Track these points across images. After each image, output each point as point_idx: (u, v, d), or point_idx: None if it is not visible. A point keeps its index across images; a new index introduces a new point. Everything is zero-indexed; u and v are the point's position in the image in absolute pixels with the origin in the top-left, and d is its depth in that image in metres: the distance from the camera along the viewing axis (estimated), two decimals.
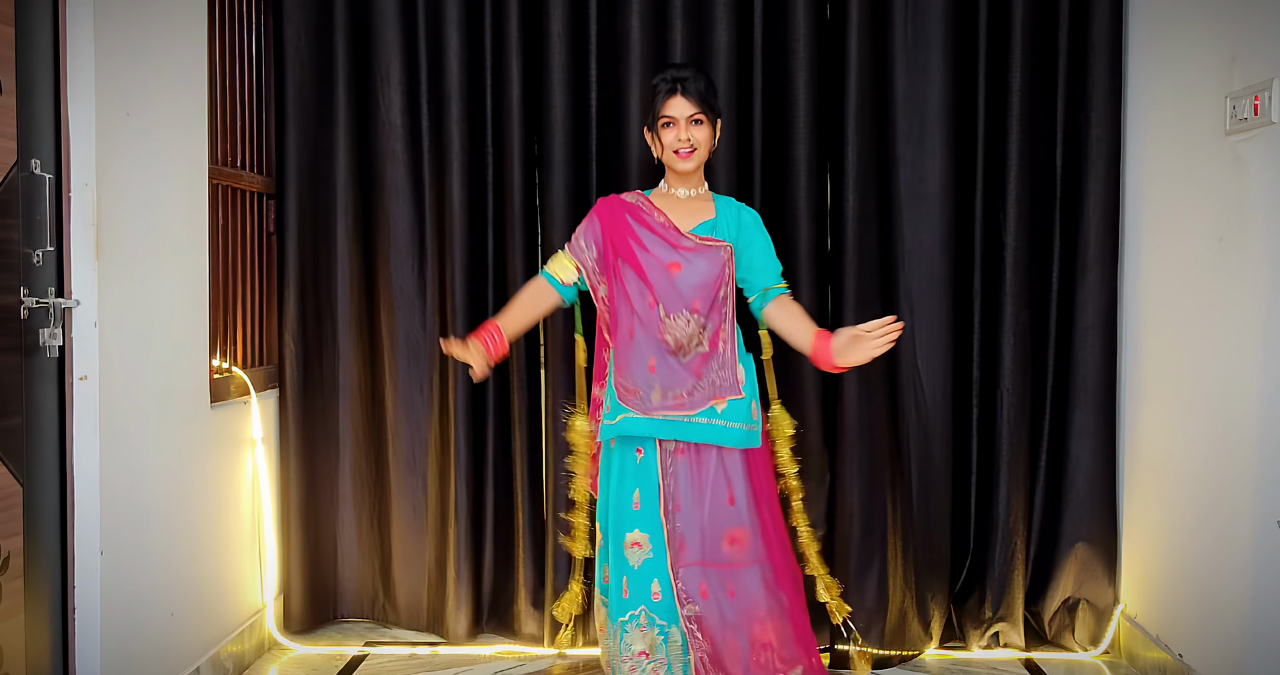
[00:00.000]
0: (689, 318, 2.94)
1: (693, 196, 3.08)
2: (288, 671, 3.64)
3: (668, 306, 2.94)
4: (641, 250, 2.98)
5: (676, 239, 2.98)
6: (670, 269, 2.95)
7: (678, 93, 2.93)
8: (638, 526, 2.97)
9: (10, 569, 2.52)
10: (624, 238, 3.00)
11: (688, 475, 2.95)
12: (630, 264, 2.99)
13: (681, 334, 2.93)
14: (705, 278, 2.95)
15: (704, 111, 2.95)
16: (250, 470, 3.71)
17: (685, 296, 2.94)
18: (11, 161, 2.51)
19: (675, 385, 2.95)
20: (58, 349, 2.69)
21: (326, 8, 3.78)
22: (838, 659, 3.66)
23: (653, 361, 2.96)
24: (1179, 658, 3.33)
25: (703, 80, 2.97)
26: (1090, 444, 3.72)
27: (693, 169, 3.01)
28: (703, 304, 2.95)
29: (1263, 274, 2.91)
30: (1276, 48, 2.85)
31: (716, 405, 2.94)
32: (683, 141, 2.95)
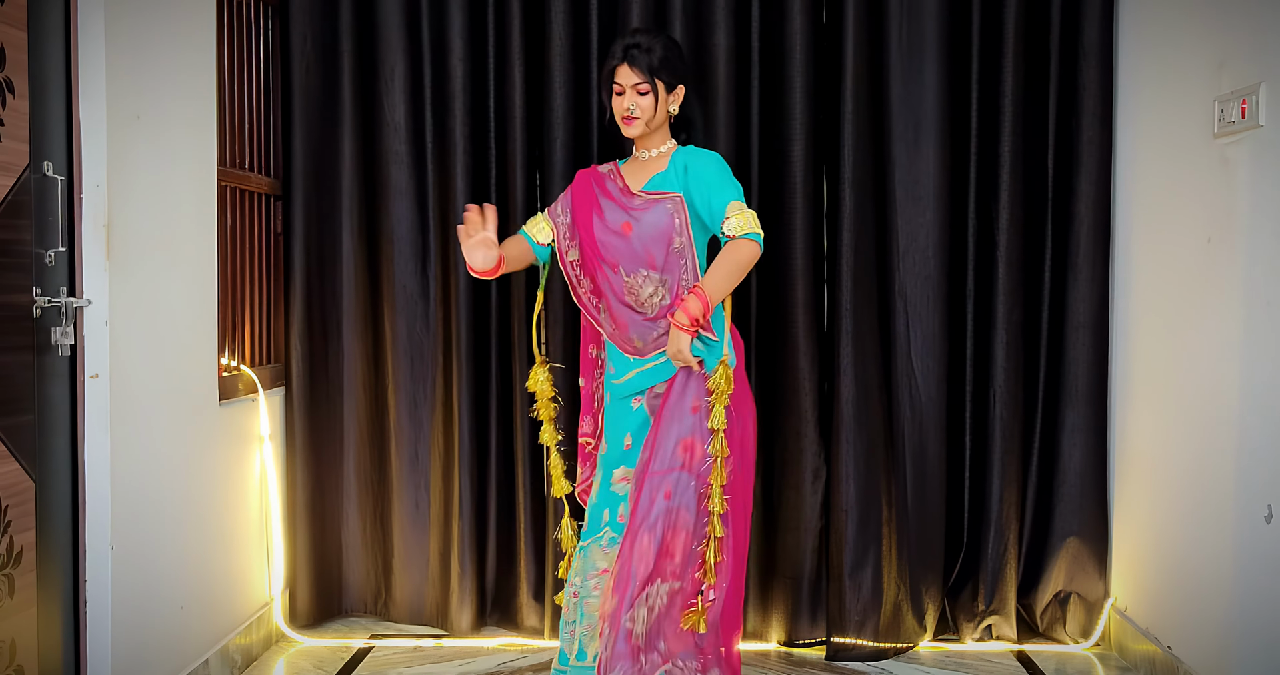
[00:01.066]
0: (646, 274, 2.94)
1: (653, 157, 3.05)
2: (295, 664, 3.64)
3: (627, 268, 2.95)
4: (599, 219, 2.99)
5: (627, 200, 2.99)
6: (624, 229, 2.95)
7: (625, 62, 2.93)
8: (624, 463, 3.03)
9: (23, 563, 2.52)
10: (587, 209, 3.02)
11: (665, 405, 2.94)
12: (589, 233, 3.00)
13: (643, 293, 2.95)
14: (655, 231, 2.93)
15: (648, 81, 2.92)
16: (258, 466, 3.71)
17: (640, 254, 2.94)
18: (24, 163, 2.51)
19: (647, 337, 2.97)
20: (69, 347, 2.69)
21: (332, 13, 3.79)
22: (833, 651, 3.66)
23: (624, 320, 2.98)
24: (1168, 650, 3.33)
25: (657, 51, 2.92)
26: (1081, 440, 3.73)
27: (638, 134, 2.98)
28: (658, 258, 2.93)
29: (1249, 274, 2.91)
30: (1263, 53, 2.85)
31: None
32: (625, 110, 2.94)
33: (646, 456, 2.92)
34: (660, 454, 2.89)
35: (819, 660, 3.67)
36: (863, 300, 3.64)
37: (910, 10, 3.64)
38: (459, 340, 3.75)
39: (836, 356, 3.64)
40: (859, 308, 3.63)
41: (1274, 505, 2.78)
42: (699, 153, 3.01)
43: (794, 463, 3.69)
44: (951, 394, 3.75)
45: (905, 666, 3.60)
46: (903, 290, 3.68)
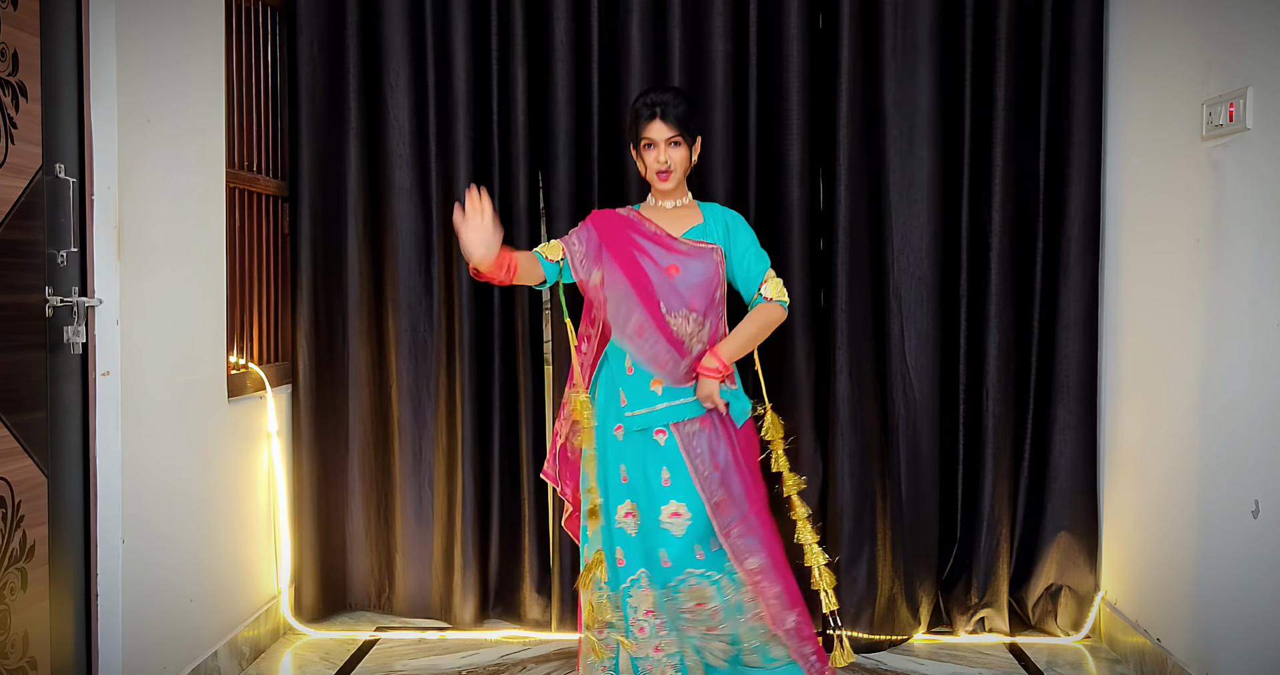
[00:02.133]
0: (688, 315, 3.00)
1: (679, 206, 3.13)
2: (302, 655, 3.64)
3: (669, 305, 2.99)
4: (643, 255, 3.02)
5: (671, 243, 3.04)
6: (669, 272, 3.01)
7: (657, 117, 2.99)
8: (672, 498, 3.02)
9: (36, 557, 2.53)
10: (625, 246, 3.04)
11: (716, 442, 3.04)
12: (634, 269, 3.01)
13: (683, 330, 2.99)
14: (700, 278, 3.02)
15: (681, 134, 3.00)
16: (266, 462, 3.71)
17: (684, 296, 3.01)
18: (36, 166, 2.52)
19: (684, 369, 3.00)
20: (81, 346, 2.69)
21: (338, 18, 3.79)
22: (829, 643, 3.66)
23: (663, 353, 2.99)
24: (1157, 642, 3.33)
25: (682, 105, 3.01)
26: (1072, 437, 3.73)
27: (672, 187, 3.06)
28: (700, 303, 3.02)
29: (1236, 274, 2.91)
30: (1251, 57, 2.85)
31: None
32: (662, 163, 3.01)
33: (717, 504, 3.00)
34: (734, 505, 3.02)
35: None
36: (858, 300, 3.64)
37: (904, 16, 3.64)
38: (462, 338, 3.75)
39: (832, 355, 3.64)
40: (854, 307, 3.63)
41: (1260, 500, 2.78)
42: (735, 215, 3.14)
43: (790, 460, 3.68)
44: (945, 392, 3.75)
45: (900, 658, 3.60)
46: (897, 290, 3.68)
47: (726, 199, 3.62)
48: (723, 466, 3.02)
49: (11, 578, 2.45)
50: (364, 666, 3.52)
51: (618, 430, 3.05)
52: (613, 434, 3.06)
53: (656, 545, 3.01)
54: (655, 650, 3.03)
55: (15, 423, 2.45)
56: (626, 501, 3.03)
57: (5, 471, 2.42)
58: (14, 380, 2.46)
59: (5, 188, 2.41)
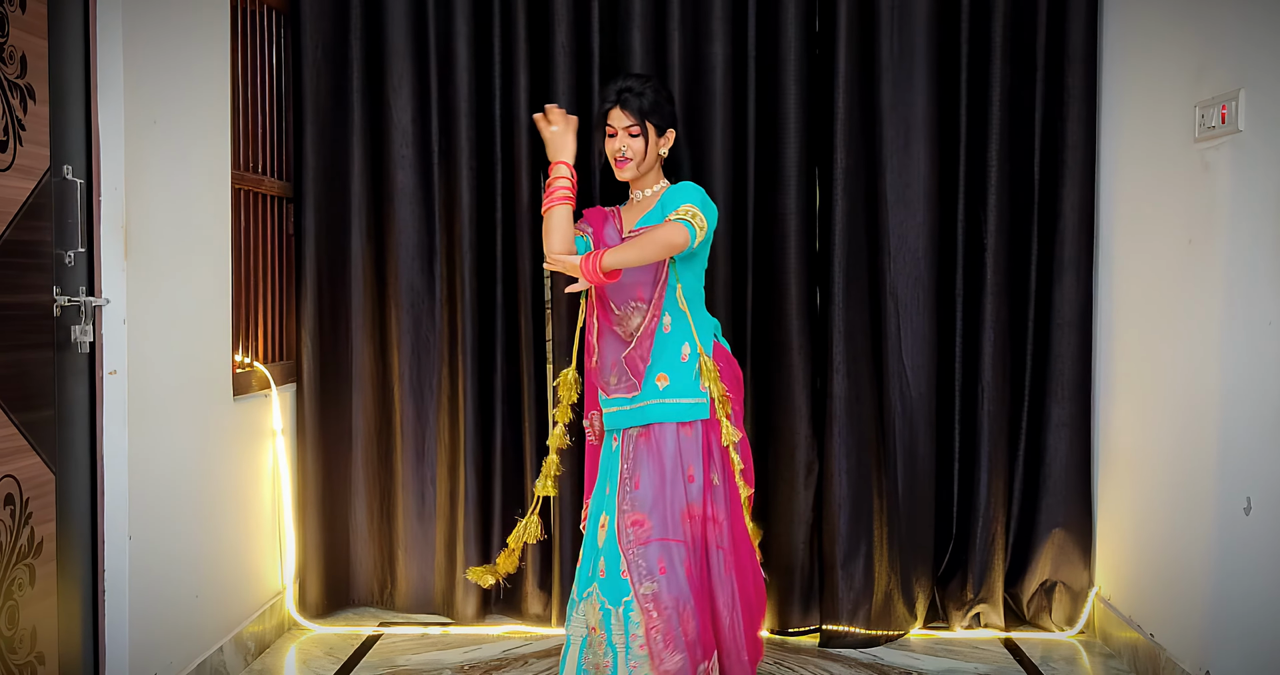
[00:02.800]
0: (635, 306, 2.97)
1: (647, 197, 3.07)
2: (306, 651, 3.64)
3: (617, 302, 2.99)
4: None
5: (620, 241, 3.01)
6: (613, 274, 2.88)
7: (617, 106, 2.96)
8: (603, 510, 2.98)
9: (44, 553, 2.53)
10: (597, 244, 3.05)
11: (646, 456, 2.92)
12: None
13: (630, 324, 2.98)
14: (641, 269, 2.94)
15: (639, 124, 2.95)
16: (270, 460, 3.71)
17: (628, 289, 2.96)
18: (44, 167, 2.52)
19: (626, 373, 2.97)
20: (88, 345, 2.70)
21: (342, 22, 3.79)
22: (826, 638, 3.67)
23: (613, 361, 3.01)
24: (1150, 637, 3.33)
25: (647, 95, 2.95)
26: (1066, 435, 3.73)
27: (630, 177, 3.02)
28: (645, 291, 2.96)
29: (1229, 274, 2.91)
30: (1243, 59, 2.85)
31: (659, 383, 2.93)
32: (616, 151, 2.98)
33: (636, 519, 2.87)
34: (669, 522, 2.87)
35: (813, 647, 3.67)
36: (855, 300, 3.64)
37: (900, 19, 3.64)
38: (464, 337, 3.75)
39: (829, 354, 3.65)
40: (851, 307, 3.63)
41: (1253, 497, 2.78)
42: (681, 185, 2.97)
43: (788, 458, 3.70)
44: (941, 391, 3.75)
45: (896, 653, 3.60)
46: (894, 290, 3.68)
47: (725, 200, 3.62)
48: (644, 479, 2.89)
49: (20, 574, 2.45)
50: (368, 661, 3.52)
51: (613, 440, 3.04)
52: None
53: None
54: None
55: (23, 421, 2.45)
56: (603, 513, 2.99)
57: (13, 469, 2.42)
58: (22, 379, 2.46)
59: (13, 189, 2.41)
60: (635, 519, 2.87)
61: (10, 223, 2.40)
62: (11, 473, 2.41)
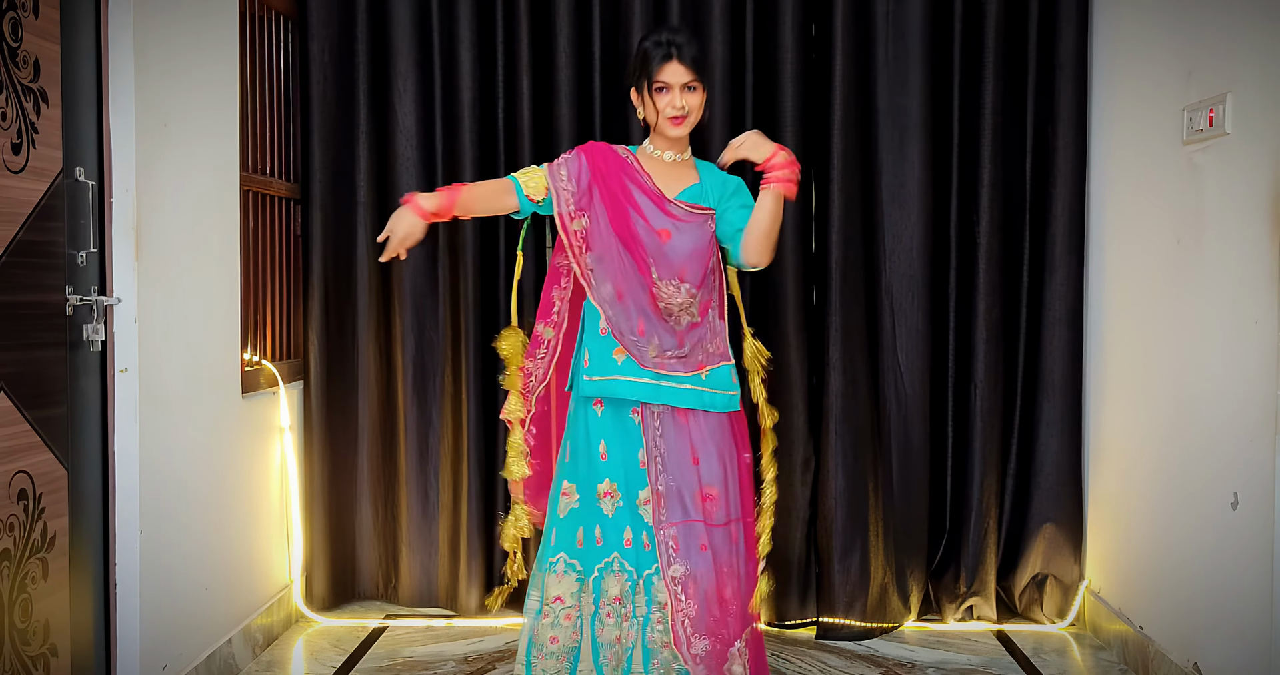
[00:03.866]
0: (678, 286, 2.71)
1: (679, 161, 2.83)
2: (313, 642, 3.65)
3: (660, 272, 2.71)
4: (638, 215, 2.72)
5: (665, 205, 2.74)
6: (661, 236, 2.71)
7: (674, 58, 2.67)
8: (608, 476, 2.76)
9: (56, 547, 2.53)
10: (619, 198, 2.73)
11: (674, 436, 2.74)
12: (625, 226, 2.72)
13: (673, 301, 2.71)
14: (695, 247, 2.73)
15: (698, 78, 2.71)
16: (278, 456, 3.72)
17: (674, 265, 2.71)
18: (57, 169, 2.52)
19: (667, 347, 2.72)
20: (100, 343, 2.70)
21: (348, 26, 3.79)
22: (823, 630, 3.67)
23: (642, 324, 2.72)
24: (1139, 629, 3.34)
25: (696, 45, 2.72)
26: (1058, 431, 3.74)
27: (682, 134, 2.77)
28: (692, 274, 2.72)
29: (1216, 274, 2.92)
30: (1230, 63, 2.86)
31: (700, 372, 2.74)
32: (678, 108, 2.70)
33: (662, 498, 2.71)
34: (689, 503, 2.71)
35: (809, 639, 3.68)
36: (850, 298, 3.65)
37: (895, 23, 3.65)
38: (467, 336, 3.75)
39: (825, 352, 3.65)
40: (847, 305, 3.64)
41: (1240, 492, 2.79)
42: (734, 178, 2.85)
43: (784, 453, 3.69)
44: (935, 387, 3.75)
45: (891, 645, 3.61)
46: (888, 288, 3.69)
47: None
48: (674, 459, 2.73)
49: (33, 567, 2.45)
50: (373, 653, 3.53)
51: (633, 413, 2.77)
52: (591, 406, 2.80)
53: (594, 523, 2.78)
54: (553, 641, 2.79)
55: (37, 417, 2.45)
56: (606, 480, 2.77)
57: (27, 464, 2.43)
58: (35, 376, 2.46)
59: (27, 191, 2.42)
60: (662, 497, 2.72)
61: (24, 224, 2.41)
62: (25, 468, 2.42)
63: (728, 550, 2.75)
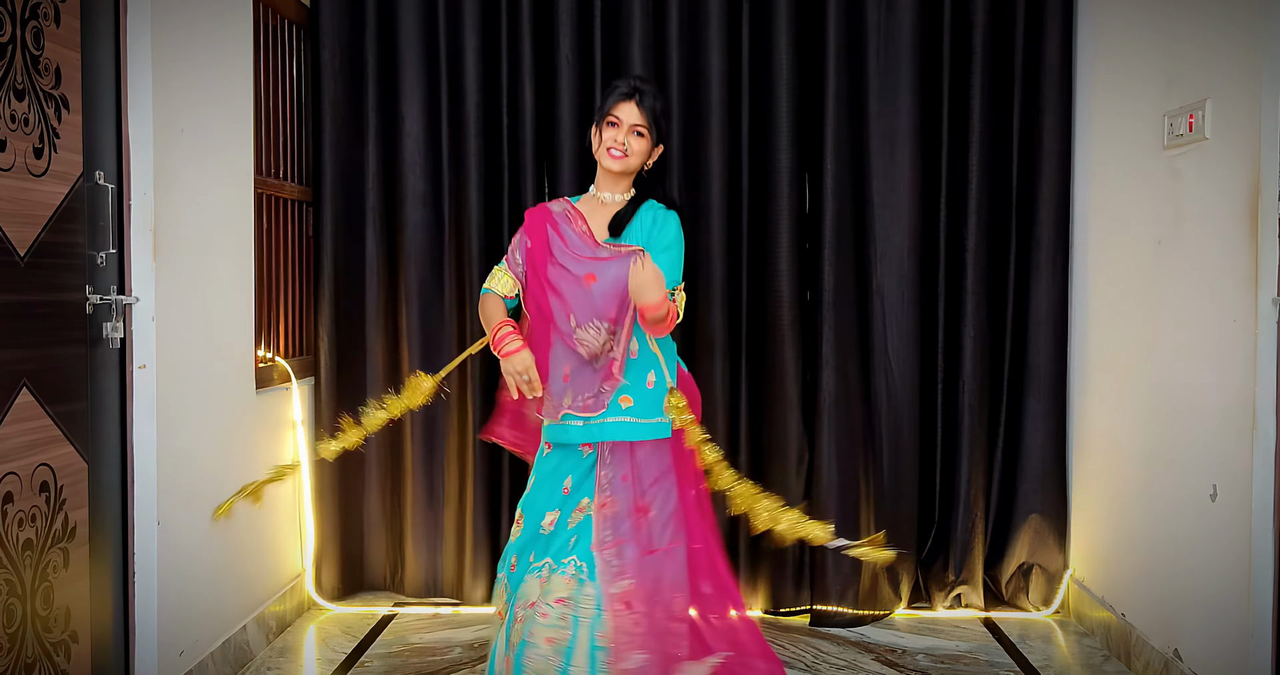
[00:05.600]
0: (599, 326, 2.63)
1: (617, 201, 2.81)
2: (325, 629, 3.65)
3: (579, 317, 2.64)
4: (555, 266, 2.70)
5: (592, 249, 2.70)
6: (586, 281, 2.64)
7: (632, 99, 2.71)
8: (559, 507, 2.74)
9: (77, 537, 2.54)
10: (542, 252, 2.74)
11: (614, 465, 2.69)
12: (547, 278, 2.70)
13: (593, 343, 2.64)
14: (617, 286, 2.61)
15: (649, 126, 2.72)
16: (291, 450, 3.72)
17: (598, 306, 2.63)
18: (77, 173, 2.52)
19: (584, 390, 2.67)
20: (119, 341, 2.70)
21: (358, 35, 3.79)
22: (816, 617, 3.67)
23: (567, 370, 2.69)
24: (1122, 617, 3.34)
25: (660, 101, 2.75)
26: (1043, 426, 3.74)
27: (619, 171, 2.75)
28: (613, 308, 2.62)
29: (1196, 274, 2.92)
30: (1209, 71, 2.86)
31: (623, 403, 2.68)
32: (618, 142, 2.72)
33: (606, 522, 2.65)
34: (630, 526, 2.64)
35: (803, 626, 3.68)
36: (843, 298, 3.65)
37: (886, 33, 3.65)
38: (471, 333, 3.75)
39: (819, 350, 3.65)
40: (839, 305, 3.64)
41: (1218, 485, 2.79)
42: (667, 215, 2.77)
43: (779, 447, 3.70)
44: (924, 384, 3.76)
45: (882, 632, 3.61)
46: (880, 289, 3.69)
47: (720, 203, 3.63)
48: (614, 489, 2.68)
49: (54, 557, 2.45)
50: (383, 639, 3.53)
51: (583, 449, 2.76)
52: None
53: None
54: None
55: (58, 412, 2.46)
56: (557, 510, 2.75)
57: (49, 458, 2.43)
58: (57, 373, 2.46)
59: (49, 193, 2.42)
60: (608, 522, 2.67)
61: (46, 225, 2.41)
62: (47, 461, 2.42)
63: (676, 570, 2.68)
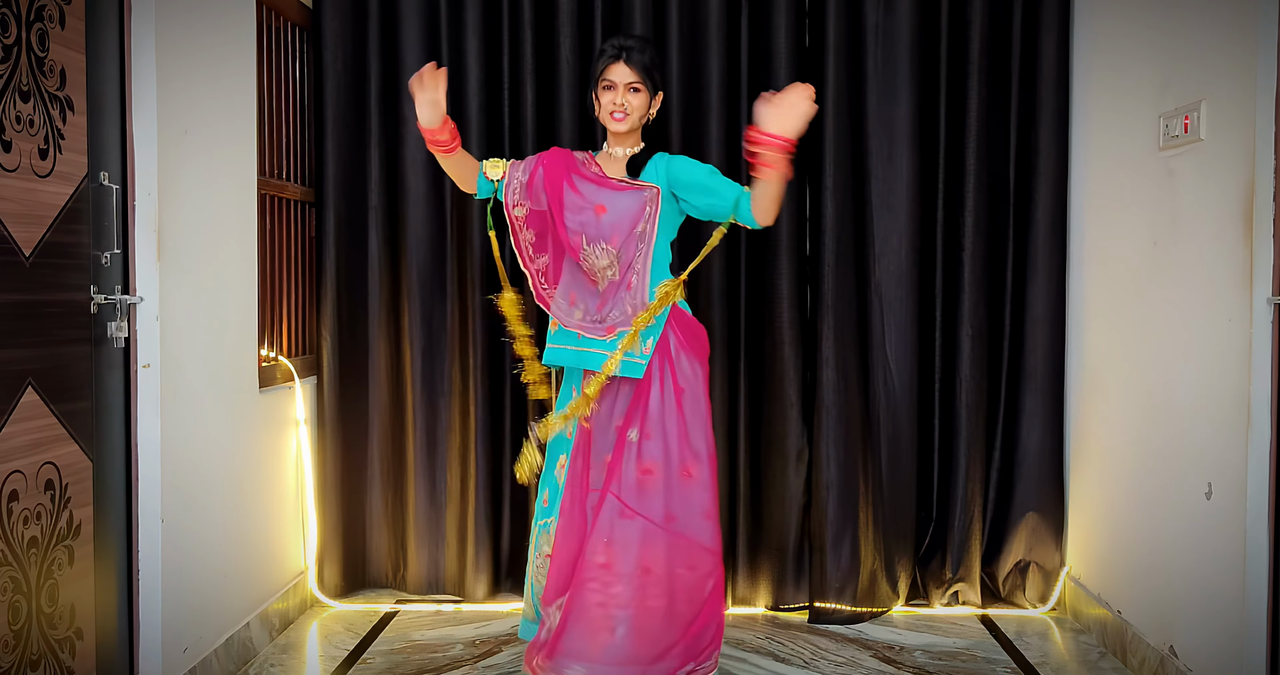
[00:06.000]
0: (604, 248, 2.86)
1: (626, 153, 2.98)
2: (327, 626, 3.65)
3: (589, 238, 2.88)
4: (573, 192, 2.90)
5: (604, 182, 2.91)
6: (598, 211, 2.87)
7: (621, 60, 2.85)
8: (563, 451, 2.99)
9: (81, 535, 2.54)
10: (560, 181, 2.92)
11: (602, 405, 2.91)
12: (559, 206, 2.90)
13: (596, 262, 2.87)
14: (625, 214, 2.86)
15: (643, 81, 2.86)
16: (294, 448, 3.72)
17: (605, 232, 2.87)
18: (82, 174, 2.53)
19: (590, 312, 2.91)
20: (124, 340, 2.70)
21: (360, 38, 3.79)
22: (815, 614, 3.67)
23: (574, 295, 2.94)
24: (1118, 614, 3.34)
25: (648, 52, 2.87)
26: (1040, 424, 3.74)
27: (625, 130, 2.92)
28: (619, 237, 2.86)
29: (1191, 274, 2.92)
30: (1204, 72, 2.86)
31: (610, 336, 2.87)
32: (618, 105, 2.87)
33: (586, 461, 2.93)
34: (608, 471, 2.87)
35: (802, 623, 3.68)
36: (842, 297, 3.65)
37: (885, 36, 3.65)
38: (474, 333, 3.75)
39: (818, 348, 3.65)
40: (839, 304, 3.64)
41: (1213, 483, 2.79)
42: (677, 158, 2.94)
43: (779, 445, 3.70)
44: (922, 382, 3.76)
45: (880, 629, 3.61)
46: (878, 288, 3.69)
47: None
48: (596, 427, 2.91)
49: (59, 554, 2.46)
50: (385, 636, 3.53)
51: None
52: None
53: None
54: None
55: (63, 411, 2.46)
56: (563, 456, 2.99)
57: (54, 456, 2.43)
58: (62, 372, 2.47)
59: (54, 194, 2.42)
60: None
61: (51, 226, 2.41)
62: (52, 460, 2.42)
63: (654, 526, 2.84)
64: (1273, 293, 2.57)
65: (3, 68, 2.26)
